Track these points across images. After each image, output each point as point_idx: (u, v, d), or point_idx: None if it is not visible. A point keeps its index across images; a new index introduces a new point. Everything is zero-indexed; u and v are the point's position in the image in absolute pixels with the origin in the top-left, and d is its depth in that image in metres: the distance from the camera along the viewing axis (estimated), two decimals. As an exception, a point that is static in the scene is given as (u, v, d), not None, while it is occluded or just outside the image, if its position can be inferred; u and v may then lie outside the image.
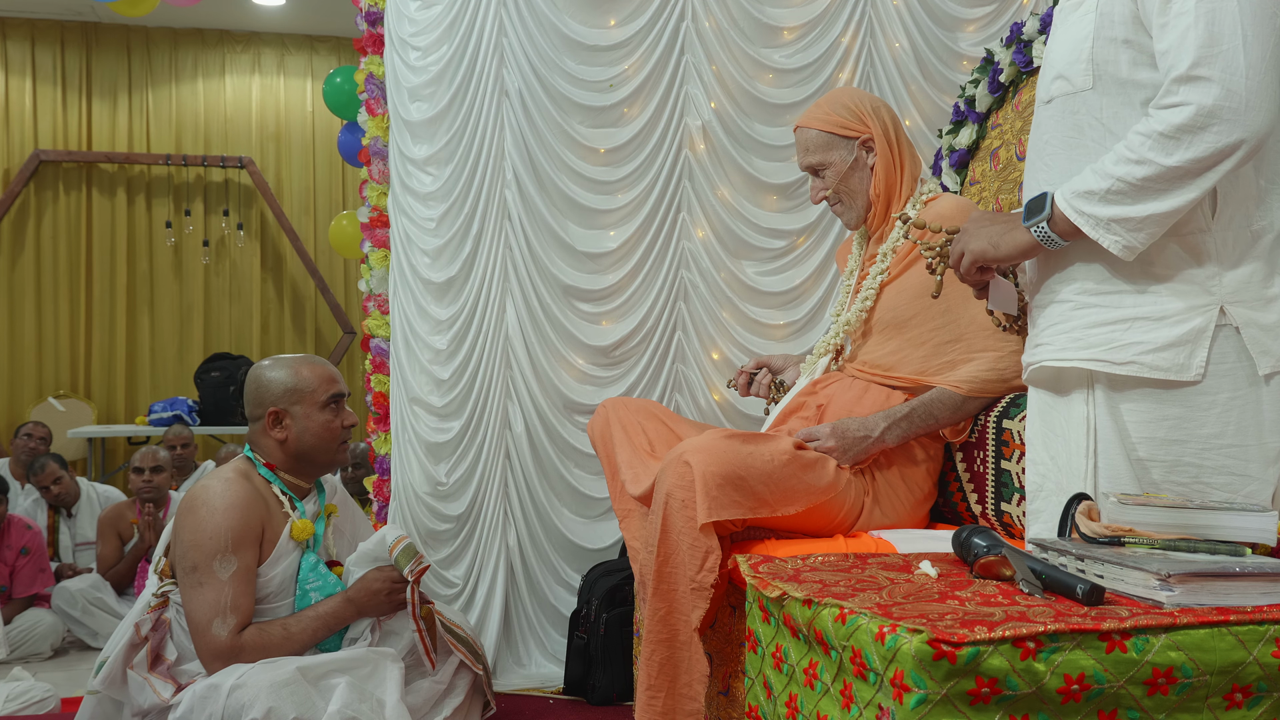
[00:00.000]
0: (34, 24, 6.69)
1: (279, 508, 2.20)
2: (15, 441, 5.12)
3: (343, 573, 2.25)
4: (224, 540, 2.06)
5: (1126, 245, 1.41)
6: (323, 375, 2.26)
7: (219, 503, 2.09)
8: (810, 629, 1.33)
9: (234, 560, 2.06)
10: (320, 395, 2.24)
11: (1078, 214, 1.43)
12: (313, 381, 2.24)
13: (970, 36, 3.19)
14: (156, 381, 6.85)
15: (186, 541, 2.08)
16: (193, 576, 2.06)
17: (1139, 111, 1.46)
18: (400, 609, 2.21)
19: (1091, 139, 1.50)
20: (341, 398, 2.29)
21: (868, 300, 2.19)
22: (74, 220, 6.74)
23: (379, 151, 3.31)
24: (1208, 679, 1.17)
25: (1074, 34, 1.53)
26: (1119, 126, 1.47)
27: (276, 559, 2.15)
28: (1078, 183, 1.45)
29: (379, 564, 2.22)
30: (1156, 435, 1.45)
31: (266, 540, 2.15)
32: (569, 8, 3.10)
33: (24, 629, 3.74)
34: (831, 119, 2.21)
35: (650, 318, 3.16)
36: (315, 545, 2.24)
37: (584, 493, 3.16)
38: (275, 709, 1.89)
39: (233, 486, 2.13)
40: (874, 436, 2.05)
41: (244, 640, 2.05)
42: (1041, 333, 1.58)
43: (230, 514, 2.08)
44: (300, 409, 2.22)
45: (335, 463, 2.29)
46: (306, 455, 2.23)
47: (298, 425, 2.22)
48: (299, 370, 2.24)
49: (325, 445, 2.24)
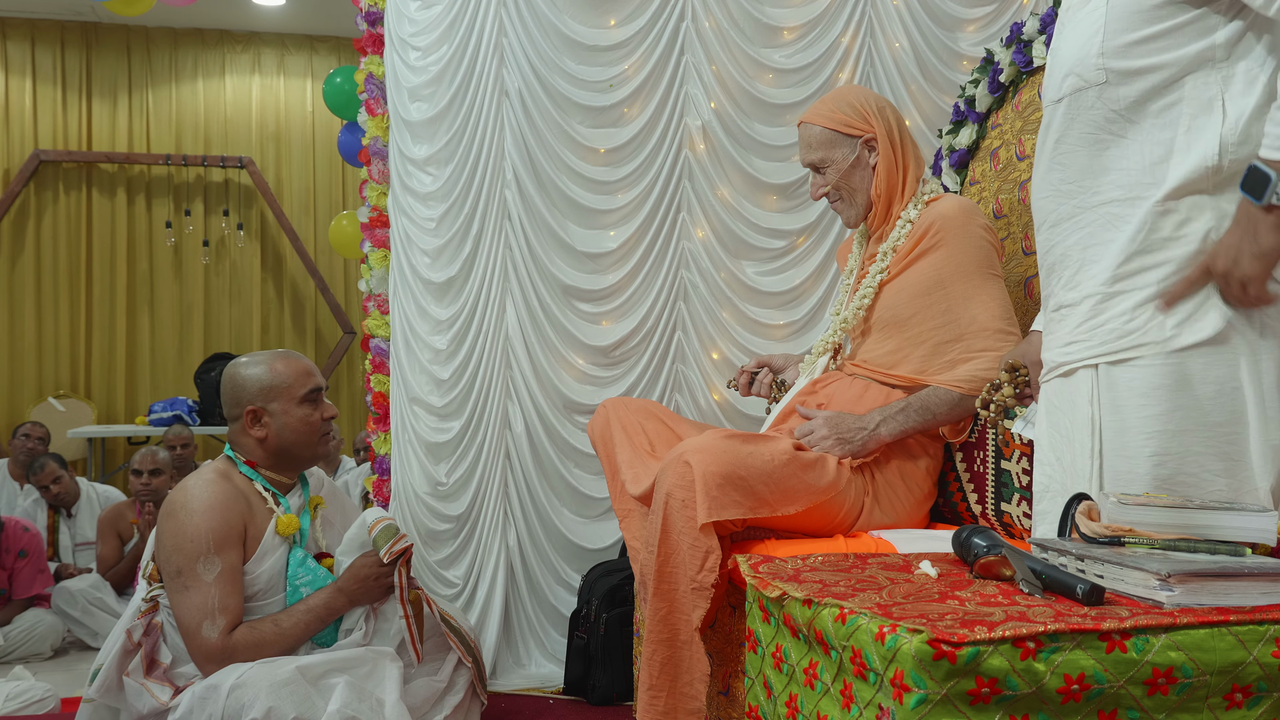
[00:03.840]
0: (34, 24, 6.69)
1: (262, 504, 2.18)
2: (14, 442, 5.12)
3: (333, 564, 2.24)
4: (205, 542, 2.05)
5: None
6: (299, 370, 2.24)
7: (197, 505, 2.08)
8: (810, 629, 1.32)
9: (217, 561, 2.05)
10: (297, 390, 2.21)
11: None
12: (289, 377, 2.21)
13: (970, 36, 3.19)
14: (156, 381, 6.85)
15: (169, 546, 2.07)
16: (178, 581, 2.05)
17: (1157, 97, 1.46)
18: (392, 592, 2.20)
19: (1111, 132, 1.51)
20: (319, 391, 2.26)
21: (866, 298, 2.19)
22: (74, 220, 6.74)
23: (379, 151, 3.31)
24: (1208, 679, 1.17)
25: (1083, 30, 1.53)
26: (1138, 115, 1.48)
27: (262, 556, 2.13)
28: (1268, 137, 1.36)
29: (365, 549, 2.21)
30: (1164, 426, 1.46)
31: (250, 538, 2.13)
32: (569, 8, 3.10)
33: (24, 629, 3.74)
34: (836, 116, 2.21)
35: (650, 318, 3.16)
36: (302, 540, 2.23)
37: (584, 493, 3.16)
38: (275, 709, 1.88)
39: (211, 487, 2.12)
40: (869, 429, 2.05)
41: (235, 640, 2.04)
42: (1054, 336, 1.60)
43: (209, 515, 2.07)
44: (278, 405, 2.20)
45: (317, 456, 2.26)
46: (287, 451, 2.21)
47: (276, 422, 2.19)
48: (274, 366, 2.22)
49: (305, 440, 2.22)
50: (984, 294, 2.11)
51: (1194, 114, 1.45)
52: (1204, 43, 1.44)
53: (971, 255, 2.11)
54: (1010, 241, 2.45)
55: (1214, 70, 1.44)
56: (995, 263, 2.16)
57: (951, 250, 2.11)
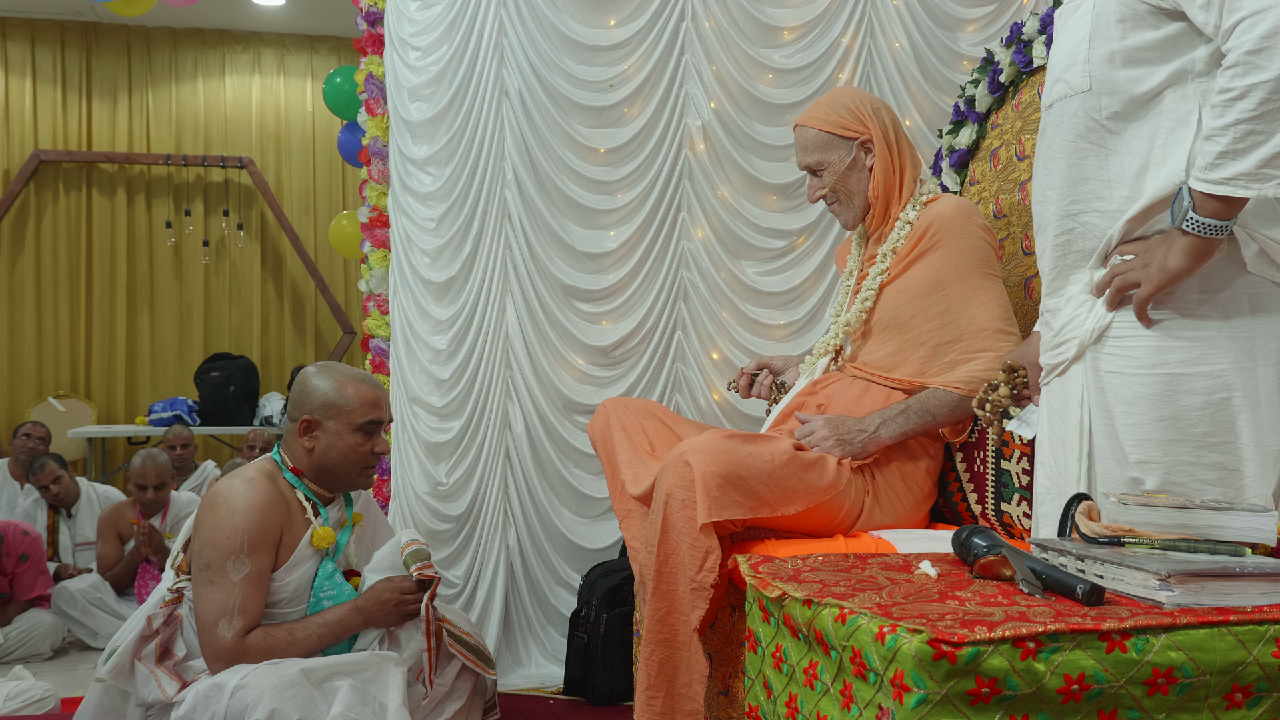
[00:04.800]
0: (34, 24, 6.69)
1: (301, 513, 2.17)
2: (14, 442, 5.11)
3: (359, 583, 2.23)
4: (240, 541, 2.05)
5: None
6: (366, 398, 2.19)
7: (240, 503, 2.07)
8: (810, 629, 1.32)
9: (248, 562, 2.05)
10: (358, 417, 2.18)
11: (1220, 184, 1.34)
12: (354, 401, 2.18)
13: (970, 36, 3.19)
14: (156, 381, 6.84)
15: (204, 538, 2.07)
16: (205, 574, 2.05)
17: (1137, 109, 1.46)
18: (409, 620, 2.19)
19: (1091, 141, 1.50)
20: (379, 424, 2.22)
21: (867, 301, 2.19)
22: (74, 220, 6.74)
23: (379, 151, 3.31)
24: (1208, 679, 1.17)
25: (1072, 36, 1.53)
26: (1118, 125, 1.47)
27: (293, 565, 2.12)
28: (1197, 162, 1.37)
29: (394, 571, 2.20)
30: (1149, 435, 1.46)
31: (285, 545, 2.12)
32: (569, 8, 3.10)
33: (24, 629, 3.74)
34: (831, 119, 2.21)
35: (650, 318, 3.16)
36: (335, 554, 2.22)
37: (584, 493, 3.16)
38: (278, 710, 1.88)
39: (255, 488, 2.10)
40: (869, 431, 2.05)
41: (248, 643, 2.04)
42: (1052, 337, 1.60)
43: (249, 515, 2.06)
44: (334, 424, 2.17)
45: (356, 485, 2.23)
46: (329, 471, 2.19)
47: (326, 439, 2.17)
48: (344, 386, 2.19)
49: (349, 466, 2.19)
50: (983, 294, 2.11)
51: (1171, 127, 1.44)
52: (1185, 57, 1.43)
53: (970, 256, 2.11)
54: (1010, 242, 2.45)
55: (1194, 84, 1.43)
56: (994, 263, 2.16)
57: (950, 251, 2.11)
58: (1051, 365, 1.60)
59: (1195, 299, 1.44)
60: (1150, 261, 1.43)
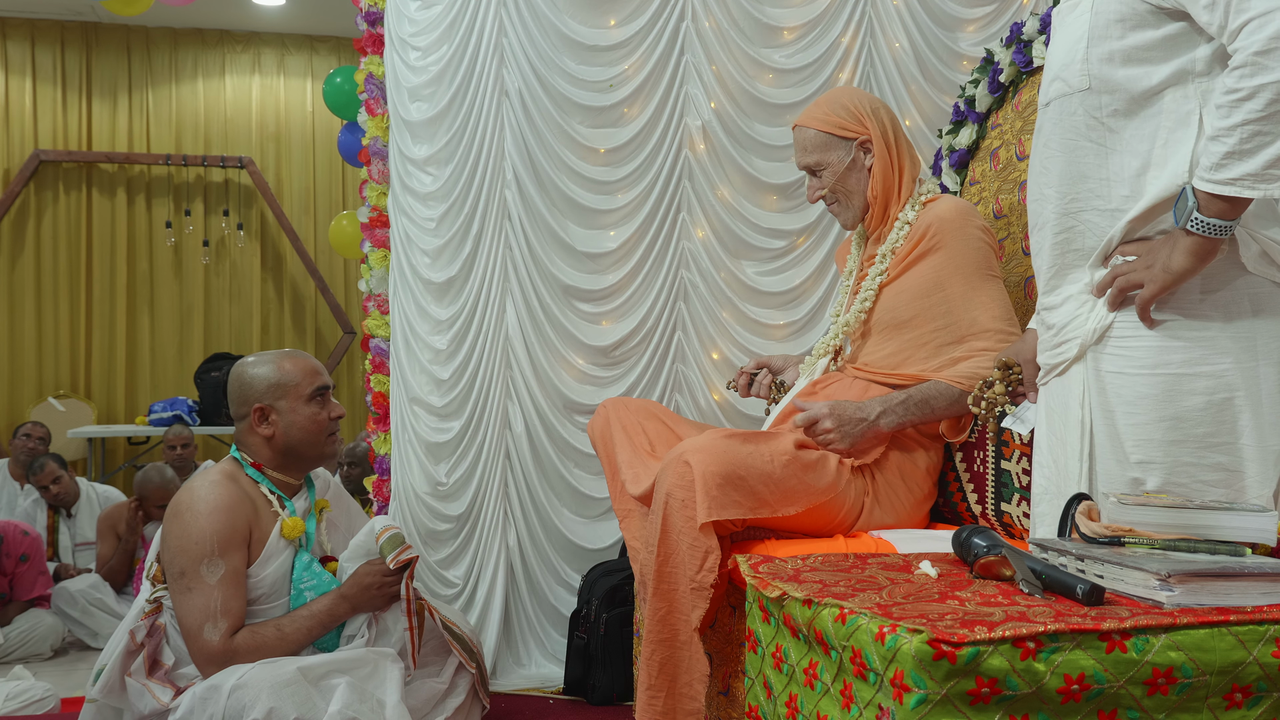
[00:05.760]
0: (34, 24, 6.69)
1: (267, 507, 2.18)
2: (14, 442, 5.11)
3: (337, 569, 2.24)
4: (209, 544, 2.05)
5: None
6: (306, 368, 2.24)
7: (203, 506, 2.08)
8: (810, 629, 1.33)
9: (221, 564, 2.05)
10: (305, 388, 2.22)
11: (1226, 184, 1.33)
12: (296, 375, 2.22)
13: (970, 36, 3.19)
14: (156, 381, 6.85)
15: (173, 548, 2.07)
16: (181, 582, 2.05)
17: (1137, 108, 1.46)
18: (394, 602, 2.20)
19: (1091, 139, 1.50)
20: (326, 390, 2.26)
21: (867, 301, 2.19)
22: (74, 220, 6.74)
23: (379, 151, 3.31)
24: (1208, 679, 1.17)
25: (1071, 35, 1.53)
26: (1119, 124, 1.47)
27: (267, 559, 2.13)
28: (1202, 162, 1.36)
29: (370, 556, 2.21)
30: (1150, 436, 1.46)
31: (255, 541, 2.13)
32: (569, 8, 3.10)
33: (24, 629, 3.74)
34: (830, 119, 2.21)
35: (650, 318, 3.16)
36: (308, 544, 2.22)
37: (584, 493, 3.16)
38: (276, 709, 1.89)
39: (217, 489, 2.12)
40: (869, 419, 2.05)
41: (236, 644, 2.04)
42: (1042, 339, 1.60)
43: (215, 517, 2.07)
44: (285, 403, 2.20)
45: (324, 456, 2.26)
46: (295, 450, 2.21)
47: (284, 420, 2.19)
48: (281, 365, 2.22)
49: (313, 439, 2.22)
50: (983, 295, 2.11)
51: (1172, 127, 1.44)
52: (1186, 56, 1.42)
53: (970, 257, 2.12)
54: (1010, 242, 2.45)
55: (1194, 84, 1.42)
56: (993, 263, 2.16)
57: (950, 252, 2.11)
58: (1051, 365, 1.59)
59: (1197, 299, 1.44)
60: (1153, 262, 1.43)
